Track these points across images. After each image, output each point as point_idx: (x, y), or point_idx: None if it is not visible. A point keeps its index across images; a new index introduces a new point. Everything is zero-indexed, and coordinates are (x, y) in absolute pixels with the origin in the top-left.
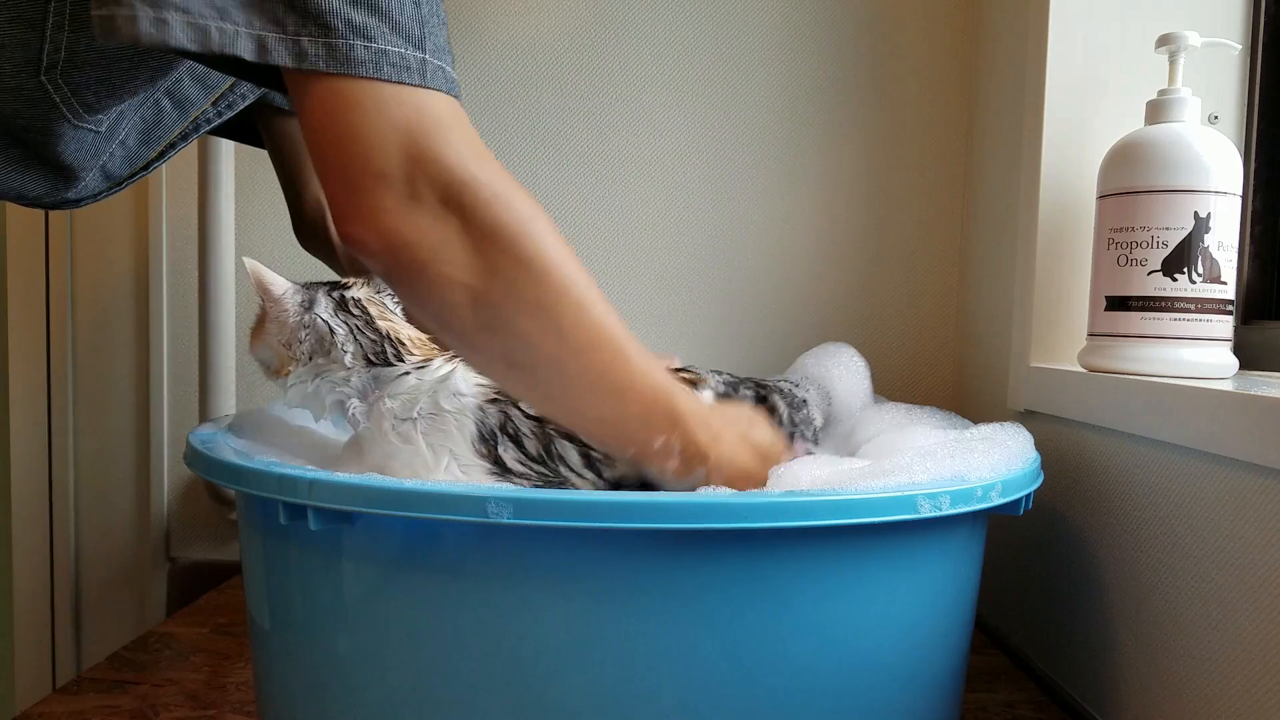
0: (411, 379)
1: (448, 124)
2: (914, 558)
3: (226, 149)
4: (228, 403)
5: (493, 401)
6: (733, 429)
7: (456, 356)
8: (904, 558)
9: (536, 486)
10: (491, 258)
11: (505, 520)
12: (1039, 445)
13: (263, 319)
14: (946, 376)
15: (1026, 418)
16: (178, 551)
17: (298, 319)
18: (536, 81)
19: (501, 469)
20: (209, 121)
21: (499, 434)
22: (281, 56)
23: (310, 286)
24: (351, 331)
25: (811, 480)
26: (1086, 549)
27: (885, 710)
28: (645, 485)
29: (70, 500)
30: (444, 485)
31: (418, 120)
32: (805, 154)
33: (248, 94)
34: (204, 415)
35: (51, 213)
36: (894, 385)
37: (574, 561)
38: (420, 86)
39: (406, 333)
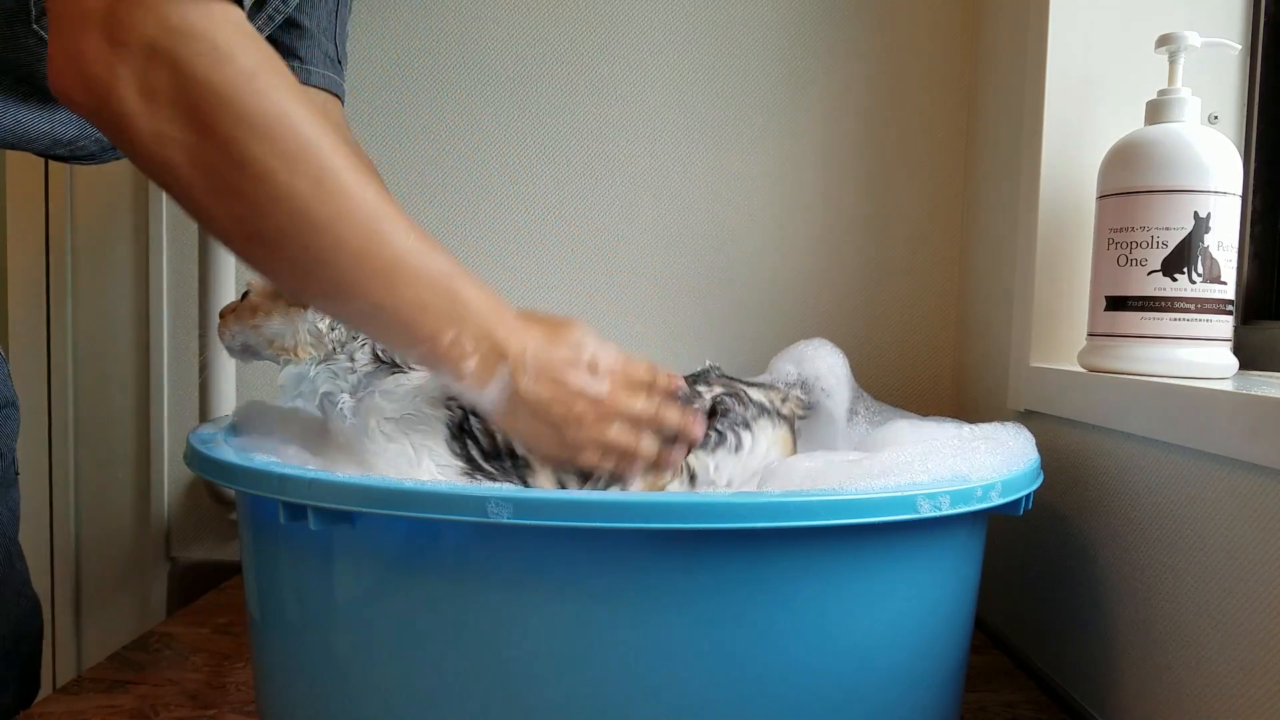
0: (401, 379)
1: None
2: (914, 557)
3: None
4: (228, 403)
5: (453, 398)
6: (535, 323)
7: None
8: (904, 557)
9: (505, 483)
10: (206, 115)
11: (505, 520)
12: (1039, 445)
13: (255, 306)
14: (946, 376)
15: (1026, 418)
16: (178, 551)
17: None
18: (537, 80)
19: (474, 467)
20: None
21: (462, 432)
22: None
23: None
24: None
25: (804, 471)
26: (1086, 549)
27: (885, 710)
28: (615, 477)
29: (70, 500)
30: (444, 485)
31: None
32: (805, 154)
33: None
34: (204, 415)
35: (51, 212)
36: (894, 385)
37: (574, 561)
38: None
39: None
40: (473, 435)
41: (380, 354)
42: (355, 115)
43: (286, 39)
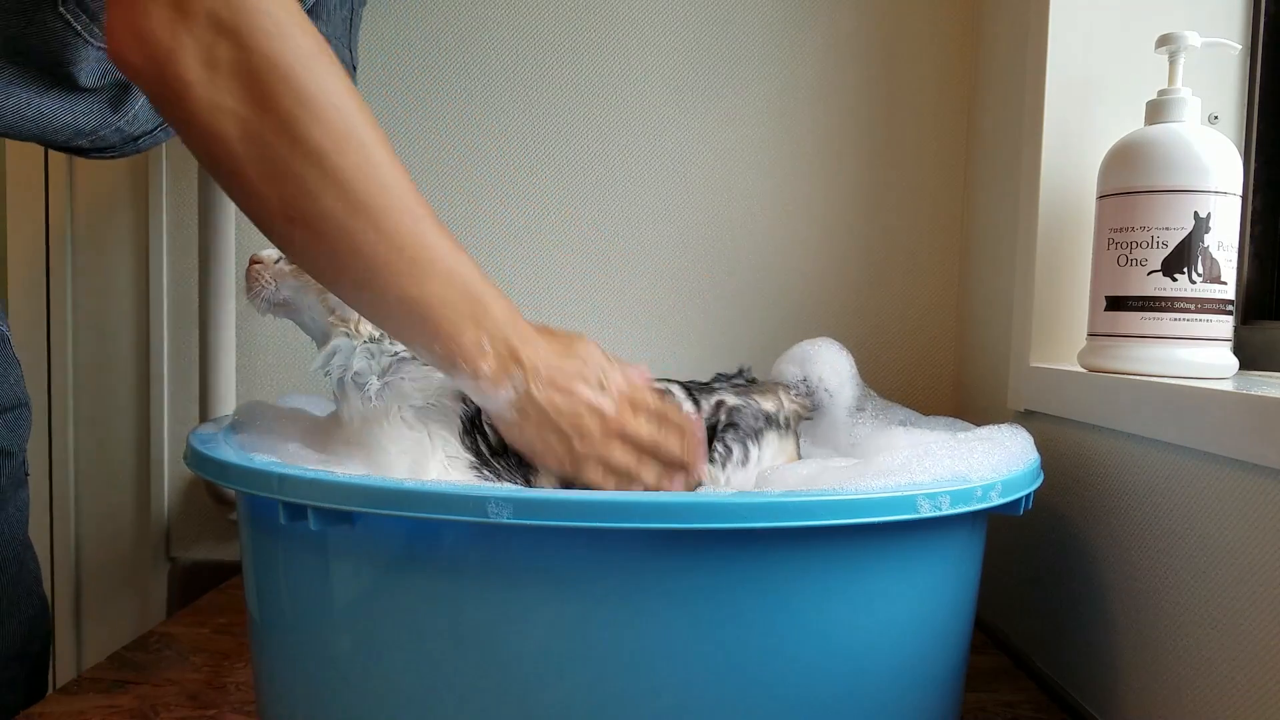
0: (430, 371)
1: None
2: (914, 558)
3: None
4: (228, 403)
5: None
6: (546, 336)
7: None
8: (904, 558)
9: (506, 479)
10: (267, 89)
11: (505, 520)
12: (1039, 445)
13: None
14: (946, 376)
15: (1026, 418)
16: (178, 551)
17: None
18: (536, 81)
19: (481, 461)
20: None
21: (473, 426)
22: None
23: None
24: None
25: (798, 479)
26: (1086, 549)
27: (885, 710)
28: None
29: (71, 500)
30: (444, 485)
31: None
32: (805, 154)
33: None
34: (204, 415)
35: (52, 212)
36: (894, 385)
37: (573, 561)
38: None
39: None
40: (482, 431)
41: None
42: None
43: None
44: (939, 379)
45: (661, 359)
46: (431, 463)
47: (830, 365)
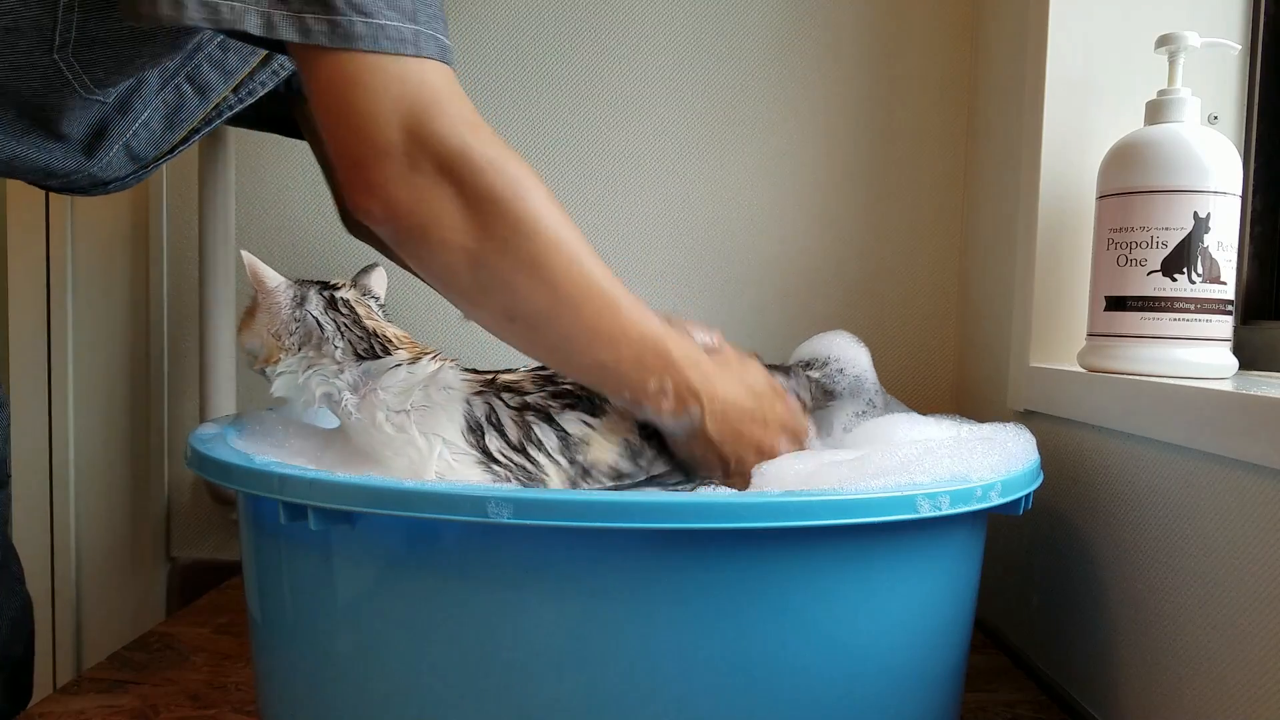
0: (403, 373)
1: (444, 95)
2: (914, 558)
3: (227, 147)
4: (228, 403)
5: (479, 394)
6: (725, 370)
7: (440, 355)
8: (904, 558)
9: (516, 478)
10: (486, 221)
11: (505, 520)
12: (1039, 445)
13: (253, 309)
14: (946, 376)
15: (1026, 418)
16: (178, 551)
17: (289, 313)
18: (536, 81)
19: (488, 458)
20: (231, 108)
21: (485, 424)
22: (287, 32)
23: (302, 284)
24: (339, 329)
25: (796, 473)
26: (1086, 549)
27: (884, 710)
28: (619, 475)
29: (71, 500)
30: (444, 485)
31: (416, 94)
32: (805, 155)
33: (267, 81)
34: (204, 415)
35: (52, 212)
36: (894, 385)
37: (574, 561)
38: (416, 57)
39: (391, 331)
40: (498, 427)
41: (360, 351)
42: None
43: None
44: (939, 379)
45: None
46: (431, 462)
47: (849, 356)
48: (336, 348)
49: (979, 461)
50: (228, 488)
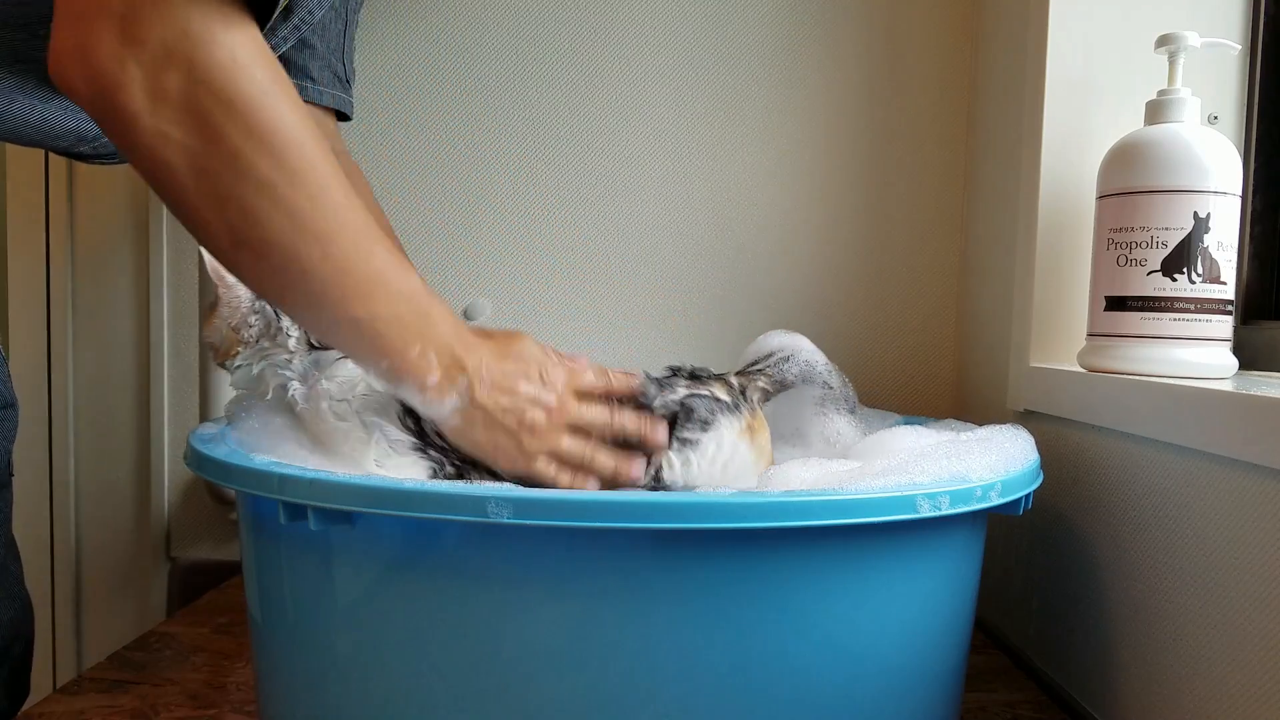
0: (349, 363)
1: None
2: (914, 558)
3: None
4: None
5: None
6: (488, 339)
7: None
8: (904, 558)
9: (450, 463)
10: (218, 123)
11: (505, 520)
12: (1039, 445)
13: (215, 305)
14: (946, 377)
15: (1026, 418)
16: (178, 551)
17: (249, 305)
18: (536, 81)
19: (425, 443)
20: None
21: (409, 411)
22: None
23: None
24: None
25: (800, 482)
26: (1086, 549)
27: (884, 710)
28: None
29: (71, 500)
30: (444, 485)
31: None
32: (805, 155)
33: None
34: (204, 415)
35: (52, 211)
36: (894, 386)
37: (573, 561)
38: None
39: None
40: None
41: (314, 342)
42: (356, 117)
43: (299, 58)
44: (939, 379)
45: (660, 360)
46: (371, 449)
47: (792, 345)
48: (291, 337)
49: (978, 462)
50: (228, 487)
